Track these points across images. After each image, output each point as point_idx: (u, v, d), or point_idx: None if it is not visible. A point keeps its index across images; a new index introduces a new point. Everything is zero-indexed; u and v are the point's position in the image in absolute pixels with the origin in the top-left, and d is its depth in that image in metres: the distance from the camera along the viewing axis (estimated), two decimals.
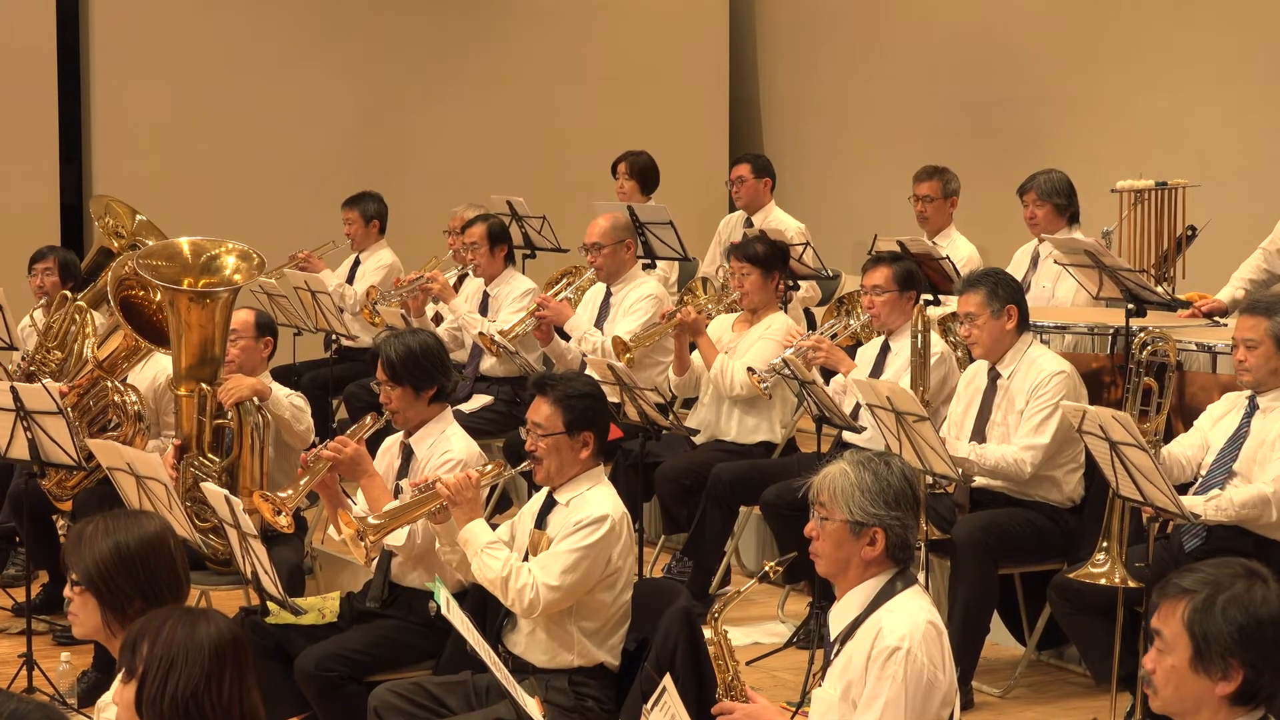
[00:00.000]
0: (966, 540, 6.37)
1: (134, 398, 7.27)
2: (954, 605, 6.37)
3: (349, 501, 5.87)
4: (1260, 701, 3.39)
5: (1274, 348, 5.90)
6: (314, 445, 6.18)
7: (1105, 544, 5.85)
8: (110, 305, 7.28)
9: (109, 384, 7.32)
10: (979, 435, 6.62)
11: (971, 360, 6.86)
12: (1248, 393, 6.02)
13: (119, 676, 3.48)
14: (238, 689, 3.40)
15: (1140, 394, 6.16)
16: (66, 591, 4.01)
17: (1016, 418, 6.53)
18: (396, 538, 5.58)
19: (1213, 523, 5.80)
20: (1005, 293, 6.60)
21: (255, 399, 6.70)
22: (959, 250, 9.08)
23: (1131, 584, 5.78)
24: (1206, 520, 5.78)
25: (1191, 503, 5.76)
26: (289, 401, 6.88)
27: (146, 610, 3.82)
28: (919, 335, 6.79)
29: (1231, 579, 3.38)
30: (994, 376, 6.64)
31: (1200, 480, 6.00)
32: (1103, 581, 5.82)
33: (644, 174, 10.46)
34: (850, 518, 4.20)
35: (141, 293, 7.15)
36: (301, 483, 5.81)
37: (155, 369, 7.45)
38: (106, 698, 3.89)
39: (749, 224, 9.93)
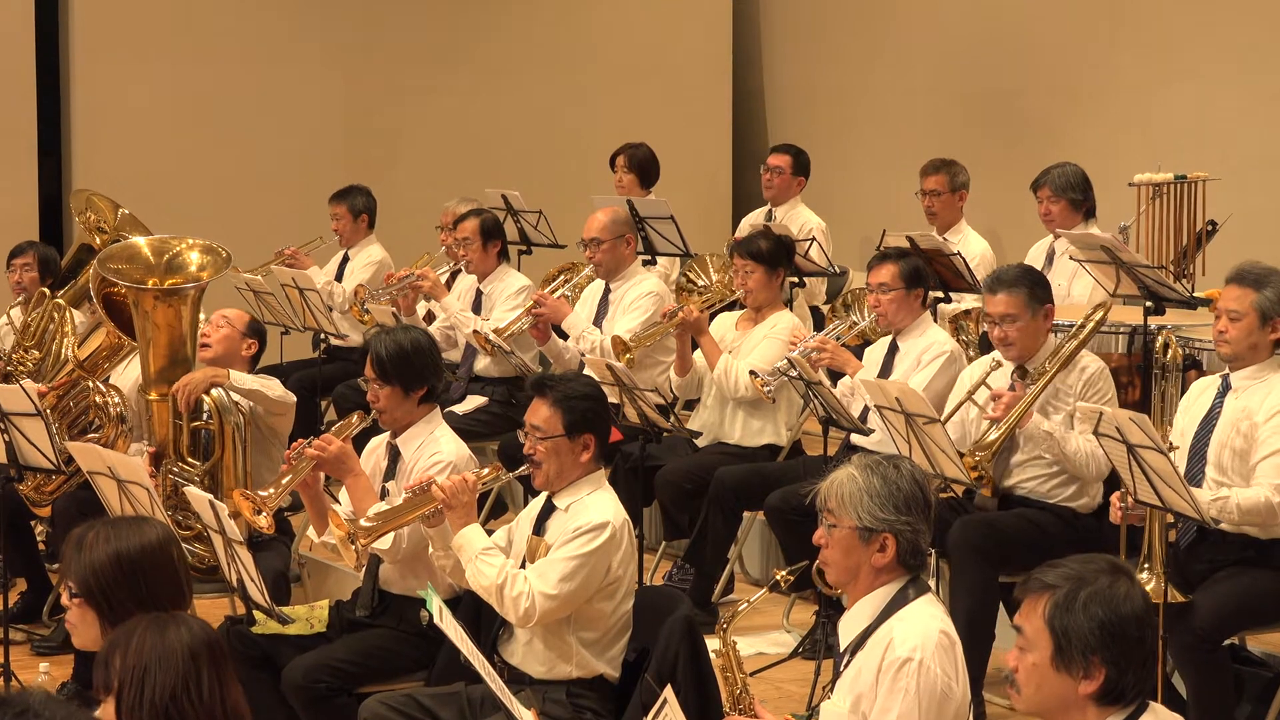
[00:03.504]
0: (960, 544, 6.33)
1: (116, 399, 7.26)
2: (955, 613, 6.32)
3: (332, 504, 5.85)
4: (1130, 700, 3.39)
5: (1257, 322, 5.82)
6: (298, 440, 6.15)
7: (1148, 563, 5.72)
8: (92, 303, 7.26)
9: (90, 384, 7.30)
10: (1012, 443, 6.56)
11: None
12: (1221, 373, 5.97)
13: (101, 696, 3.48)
14: (218, 688, 3.41)
15: (1167, 396, 6.10)
16: (64, 600, 4.00)
17: (1065, 418, 6.47)
18: (383, 542, 5.56)
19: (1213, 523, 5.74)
20: (1043, 292, 6.55)
21: (214, 387, 6.67)
22: (971, 246, 9.06)
23: (1180, 598, 5.66)
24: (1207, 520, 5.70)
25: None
26: (250, 375, 6.87)
27: None
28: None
29: (1095, 574, 3.40)
30: (1022, 374, 6.57)
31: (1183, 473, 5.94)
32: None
33: (643, 167, 10.44)
34: (859, 524, 4.19)
35: (124, 290, 7.14)
36: (284, 481, 5.80)
37: (138, 370, 7.44)
38: None
39: (770, 218, 9.90)
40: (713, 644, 4.76)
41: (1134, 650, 3.36)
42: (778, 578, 4.49)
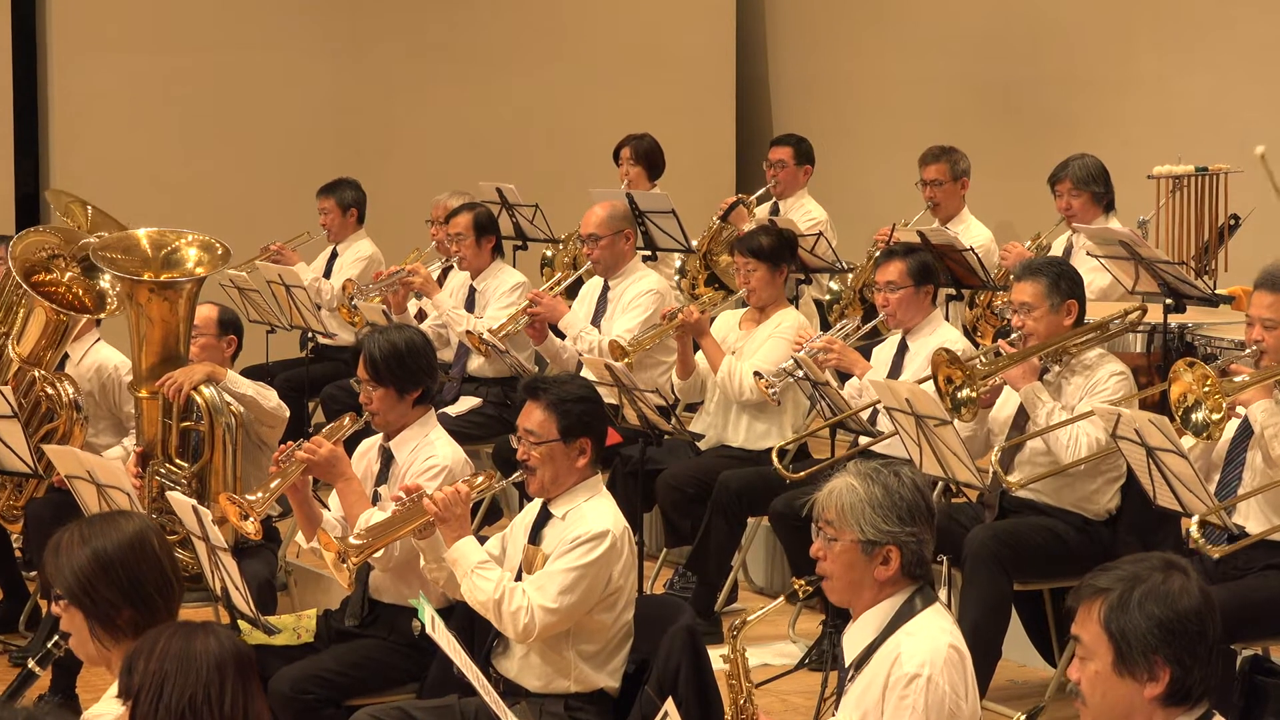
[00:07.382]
0: (978, 551, 6.33)
1: (68, 385, 7.26)
2: (961, 623, 6.31)
3: (320, 509, 5.86)
4: (1198, 700, 3.39)
5: None
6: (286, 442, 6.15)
7: None
8: (24, 289, 7.22)
9: (36, 374, 7.28)
10: (1018, 432, 6.56)
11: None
12: None
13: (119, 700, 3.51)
14: (241, 701, 3.43)
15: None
16: (55, 609, 4.03)
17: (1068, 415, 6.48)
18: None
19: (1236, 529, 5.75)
20: (1067, 286, 6.52)
21: (210, 385, 6.69)
22: (974, 236, 9.05)
23: None
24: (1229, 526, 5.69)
25: None
26: (248, 381, 6.91)
27: (137, 619, 3.88)
28: None
29: (1148, 572, 3.41)
30: (1041, 372, 6.57)
31: (1218, 482, 5.95)
32: None
33: (649, 157, 10.44)
34: (862, 536, 4.16)
35: (49, 276, 7.18)
36: (272, 485, 5.80)
37: (97, 358, 7.54)
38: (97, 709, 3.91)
39: (775, 212, 9.90)
40: (718, 652, 4.74)
41: (1196, 645, 3.35)
42: (795, 587, 4.44)
